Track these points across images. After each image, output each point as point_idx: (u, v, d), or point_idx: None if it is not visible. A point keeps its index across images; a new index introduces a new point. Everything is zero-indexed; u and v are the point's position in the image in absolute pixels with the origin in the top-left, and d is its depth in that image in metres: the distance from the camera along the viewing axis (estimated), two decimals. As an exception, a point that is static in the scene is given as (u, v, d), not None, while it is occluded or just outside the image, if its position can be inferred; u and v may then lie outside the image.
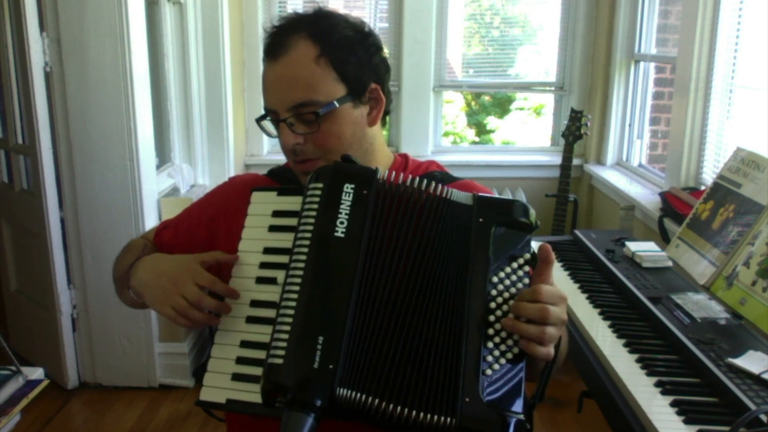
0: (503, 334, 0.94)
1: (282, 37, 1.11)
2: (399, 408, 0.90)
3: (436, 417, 0.90)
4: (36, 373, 1.75)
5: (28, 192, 3.03)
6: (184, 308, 1.03)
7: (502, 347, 0.94)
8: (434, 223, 0.99)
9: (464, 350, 0.93)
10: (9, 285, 3.31)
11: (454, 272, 0.97)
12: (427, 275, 0.97)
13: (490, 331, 0.94)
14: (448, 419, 0.90)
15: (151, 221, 2.88)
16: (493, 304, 0.96)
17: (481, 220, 0.99)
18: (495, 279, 0.97)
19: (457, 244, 0.98)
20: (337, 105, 1.10)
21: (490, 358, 0.93)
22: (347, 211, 0.97)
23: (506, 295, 0.96)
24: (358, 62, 1.12)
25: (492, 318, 0.95)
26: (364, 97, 1.15)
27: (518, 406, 0.92)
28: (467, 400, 0.90)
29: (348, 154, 1.06)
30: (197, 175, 3.50)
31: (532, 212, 1.02)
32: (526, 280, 0.98)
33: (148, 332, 2.99)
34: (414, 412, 0.90)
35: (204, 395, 0.98)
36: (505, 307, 0.95)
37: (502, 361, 0.93)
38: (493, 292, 0.96)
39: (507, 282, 0.97)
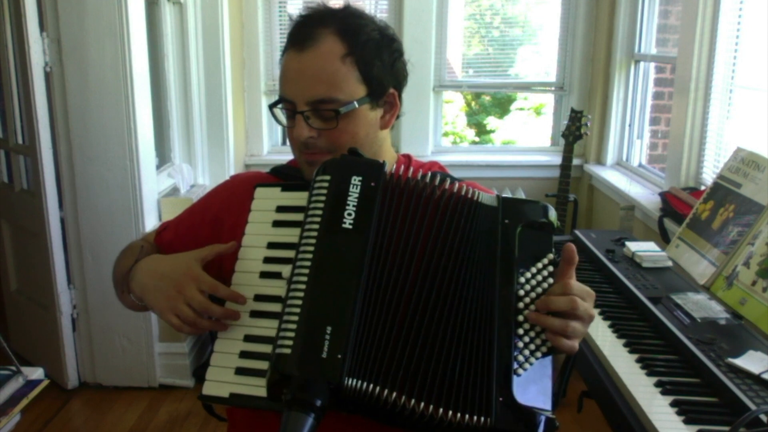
0: (532, 333, 0.95)
1: (311, 28, 1.10)
2: (423, 405, 0.90)
3: (469, 416, 0.90)
4: (36, 373, 1.74)
5: (28, 192, 3.03)
6: (191, 318, 1.00)
7: (532, 346, 0.95)
8: (459, 221, 1.00)
9: (496, 350, 0.93)
10: (9, 285, 3.31)
11: (481, 271, 0.98)
12: (449, 271, 0.97)
13: (520, 331, 0.95)
14: (485, 419, 0.90)
15: (151, 221, 2.88)
16: (521, 304, 0.96)
17: (506, 221, 1.00)
18: (522, 279, 0.98)
19: (482, 243, 0.99)
20: (357, 105, 1.10)
21: (521, 358, 0.94)
22: (355, 203, 0.97)
23: (533, 294, 0.97)
24: (382, 66, 1.13)
25: (521, 318, 0.96)
26: (381, 101, 1.16)
27: (547, 403, 0.93)
28: (501, 399, 0.91)
29: (355, 147, 1.06)
30: (197, 175, 3.50)
31: (553, 212, 1.03)
32: (551, 280, 0.99)
33: (148, 332, 2.99)
34: (449, 412, 0.90)
35: (207, 389, 0.97)
36: (532, 307, 0.96)
37: (532, 360, 0.94)
38: (521, 292, 0.97)
39: (533, 282, 0.98)
